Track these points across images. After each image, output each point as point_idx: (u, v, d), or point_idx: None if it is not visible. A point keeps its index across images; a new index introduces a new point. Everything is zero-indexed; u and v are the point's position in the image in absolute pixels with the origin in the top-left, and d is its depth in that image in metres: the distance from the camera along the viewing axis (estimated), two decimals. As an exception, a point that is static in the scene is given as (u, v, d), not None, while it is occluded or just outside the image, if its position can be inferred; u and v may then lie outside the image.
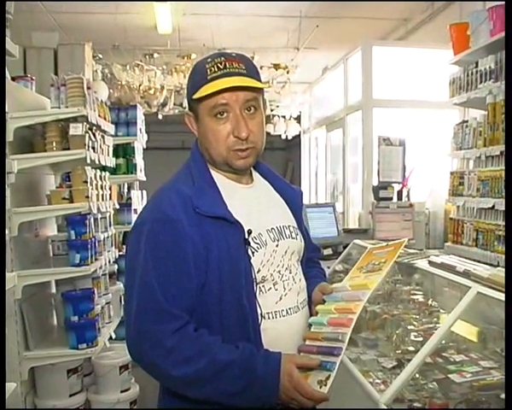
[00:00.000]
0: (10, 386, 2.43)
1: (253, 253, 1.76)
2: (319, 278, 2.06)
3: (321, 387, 1.60)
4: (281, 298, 1.81)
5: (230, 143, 1.76)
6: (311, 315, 1.89)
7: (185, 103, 9.18)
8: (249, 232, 1.76)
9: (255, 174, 1.97)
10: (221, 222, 1.71)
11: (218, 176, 1.83)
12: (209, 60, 1.78)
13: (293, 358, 1.69)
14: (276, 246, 1.83)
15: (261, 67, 7.94)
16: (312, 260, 2.14)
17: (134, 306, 1.67)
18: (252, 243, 1.76)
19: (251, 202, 1.86)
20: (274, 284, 1.80)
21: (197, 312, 1.70)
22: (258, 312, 1.74)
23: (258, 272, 1.76)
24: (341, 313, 1.72)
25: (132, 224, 1.84)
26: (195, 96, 1.75)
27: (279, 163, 16.08)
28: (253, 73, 1.78)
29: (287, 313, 1.81)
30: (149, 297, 1.65)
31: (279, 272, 1.83)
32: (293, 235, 1.92)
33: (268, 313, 1.77)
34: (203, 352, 1.63)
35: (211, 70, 1.74)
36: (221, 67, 1.74)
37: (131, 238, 1.78)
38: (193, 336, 1.65)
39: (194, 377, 1.62)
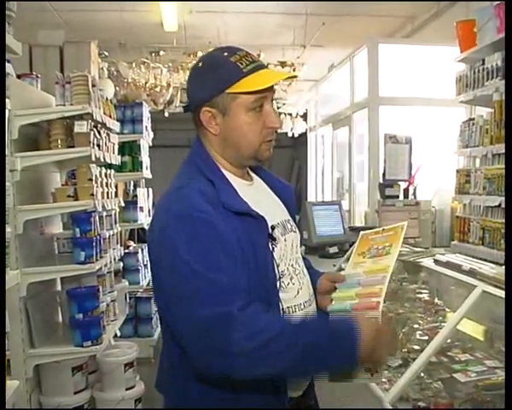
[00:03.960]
0: (13, 384, 2.43)
1: (273, 248, 1.76)
2: (312, 269, 2.06)
3: (372, 374, 1.65)
4: (298, 292, 1.82)
5: (264, 135, 1.78)
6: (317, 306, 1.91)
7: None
8: (272, 228, 1.76)
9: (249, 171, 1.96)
10: (246, 218, 1.70)
11: (226, 173, 1.82)
12: (226, 54, 1.75)
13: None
14: (285, 240, 1.83)
15: (267, 65, 7.92)
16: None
17: (191, 300, 1.57)
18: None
19: (258, 199, 1.84)
20: (291, 279, 1.81)
21: None
22: (280, 307, 1.74)
23: (278, 266, 1.76)
24: (365, 297, 1.74)
25: (151, 231, 1.75)
26: (236, 90, 1.71)
27: (285, 161, 16.06)
28: None
29: (304, 306, 1.82)
30: (206, 285, 1.56)
31: (292, 265, 1.84)
32: (294, 228, 1.93)
33: (288, 308, 1.77)
34: (272, 322, 1.59)
35: (241, 63, 1.72)
36: (250, 60, 1.75)
37: (159, 241, 1.68)
38: (257, 310, 1.58)
39: (264, 347, 1.53)
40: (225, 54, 1.75)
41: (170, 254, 1.63)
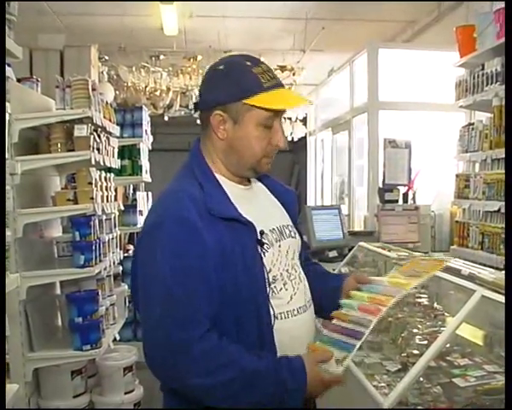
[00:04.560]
0: (13, 387, 2.42)
1: (264, 253, 1.76)
2: (333, 274, 2.20)
3: (337, 364, 1.67)
4: (291, 298, 1.82)
5: (267, 151, 1.80)
6: (319, 311, 1.94)
7: (192, 105, 9.20)
8: (261, 233, 1.76)
9: None
10: (234, 224, 1.71)
11: (220, 178, 1.82)
12: (249, 63, 1.77)
13: (315, 357, 1.71)
14: (279, 246, 1.83)
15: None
16: (308, 258, 2.18)
17: (155, 315, 1.62)
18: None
19: (253, 203, 1.86)
20: (284, 284, 1.81)
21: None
22: (271, 312, 1.74)
23: (269, 272, 1.76)
24: (373, 302, 1.78)
25: (142, 228, 1.80)
26: (254, 103, 1.73)
27: (285, 165, 16.04)
28: None
29: (297, 312, 1.82)
30: (172, 305, 1.61)
31: (287, 271, 1.84)
32: (292, 234, 1.93)
33: (280, 314, 1.77)
34: (230, 361, 1.61)
35: (263, 77, 1.74)
36: (271, 76, 1.78)
37: (143, 243, 1.74)
38: (218, 345, 1.62)
39: (221, 387, 1.60)
40: (248, 63, 1.77)
41: (151, 258, 1.67)
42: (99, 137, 3.75)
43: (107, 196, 3.95)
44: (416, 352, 2.60)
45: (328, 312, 1.88)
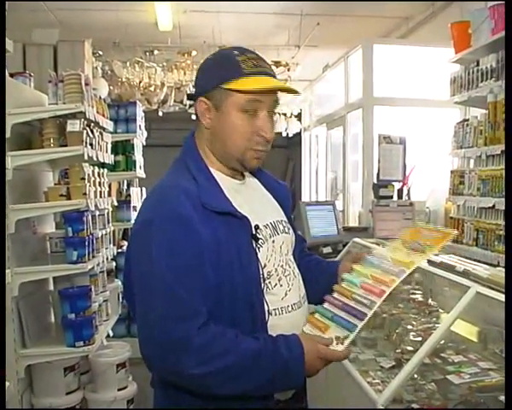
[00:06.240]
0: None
1: (258, 248, 1.75)
2: (331, 261, 2.15)
3: (337, 344, 1.66)
4: (286, 294, 1.80)
5: (252, 142, 1.76)
6: (315, 299, 1.92)
7: (186, 100, 9.18)
8: (256, 228, 1.75)
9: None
10: (229, 218, 1.69)
11: (214, 171, 1.81)
12: (236, 52, 1.75)
13: (314, 338, 1.71)
14: (273, 242, 1.81)
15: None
16: (305, 251, 2.17)
17: (154, 312, 1.60)
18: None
19: (247, 198, 1.84)
20: (279, 280, 1.80)
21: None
22: (266, 308, 1.73)
23: (264, 267, 1.75)
24: (376, 281, 1.77)
25: (134, 223, 1.77)
26: (231, 87, 1.70)
27: (280, 161, 16.04)
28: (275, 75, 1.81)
29: (292, 308, 1.80)
30: (172, 301, 1.59)
31: (282, 266, 1.83)
32: (286, 229, 1.92)
33: (275, 310, 1.76)
34: (229, 347, 1.60)
35: (246, 64, 1.72)
36: (256, 63, 1.74)
37: (138, 240, 1.73)
38: (216, 333, 1.61)
39: (221, 373, 1.59)
40: (235, 52, 1.76)
41: (147, 255, 1.64)
42: (92, 132, 3.73)
43: (101, 192, 3.94)
44: (410, 348, 2.61)
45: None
